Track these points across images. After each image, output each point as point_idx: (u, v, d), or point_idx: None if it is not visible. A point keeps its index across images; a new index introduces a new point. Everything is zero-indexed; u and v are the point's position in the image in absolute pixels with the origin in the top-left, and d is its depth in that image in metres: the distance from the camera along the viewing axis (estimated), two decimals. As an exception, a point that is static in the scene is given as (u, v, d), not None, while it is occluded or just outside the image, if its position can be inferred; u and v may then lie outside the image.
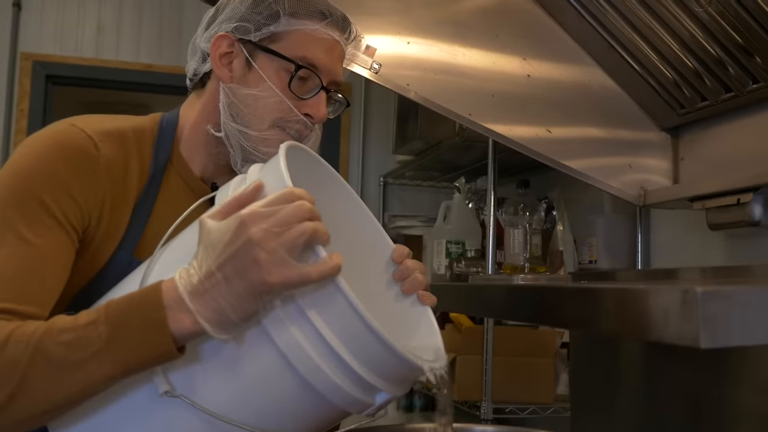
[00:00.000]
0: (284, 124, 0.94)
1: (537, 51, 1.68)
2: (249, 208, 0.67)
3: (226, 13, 0.96)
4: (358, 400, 0.71)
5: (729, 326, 0.61)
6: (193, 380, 0.70)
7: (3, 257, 0.77)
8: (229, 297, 0.65)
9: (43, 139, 0.87)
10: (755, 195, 1.39)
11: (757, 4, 1.25)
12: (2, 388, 0.67)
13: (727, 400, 1.03)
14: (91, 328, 0.67)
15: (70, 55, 2.94)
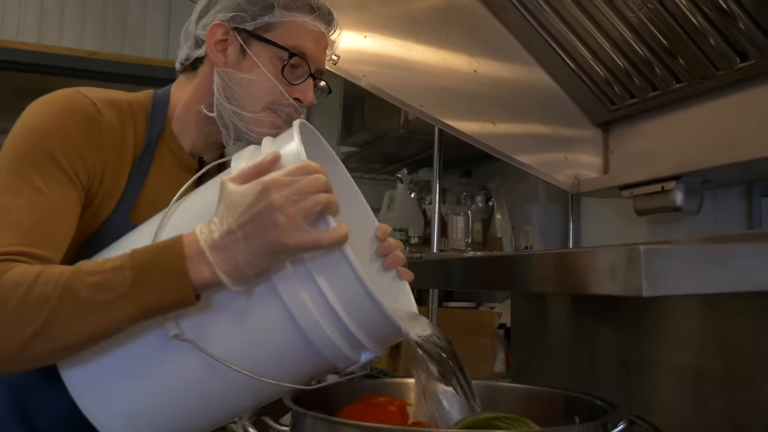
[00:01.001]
0: (276, 107, 1.02)
1: (483, 49, 1.81)
2: (271, 175, 0.75)
3: (223, 4, 1.03)
4: (347, 356, 0.80)
5: (667, 278, 0.74)
6: (202, 327, 0.78)
7: (20, 206, 0.84)
8: (246, 253, 0.73)
9: (53, 104, 0.93)
10: (677, 183, 1.54)
11: (681, 10, 1.41)
12: (30, 323, 0.74)
13: (650, 356, 1.18)
14: (116, 272, 0.74)
15: (11, 39, 2.91)
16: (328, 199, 0.74)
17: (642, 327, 1.21)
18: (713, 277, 0.79)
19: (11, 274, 0.76)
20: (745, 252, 0.82)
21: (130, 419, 0.83)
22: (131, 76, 3.06)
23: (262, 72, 1.00)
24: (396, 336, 0.83)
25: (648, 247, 0.73)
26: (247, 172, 0.78)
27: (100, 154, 0.94)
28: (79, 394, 0.82)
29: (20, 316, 0.74)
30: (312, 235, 0.73)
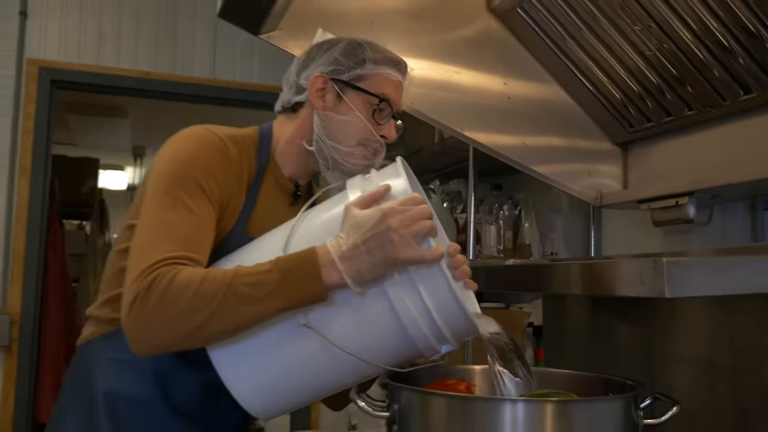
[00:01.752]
0: (366, 143, 1.26)
1: (514, 74, 2.03)
2: (389, 204, 0.99)
3: (323, 59, 1.27)
4: (433, 347, 1.04)
5: (684, 283, 0.97)
6: (325, 319, 1.01)
7: (177, 221, 1.07)
8: (367, 263, 0.97)
9: (193, 139, 1.18)
10: (690, 198, 1.76)
11: (688, 45, 1.62)
12: (202, 311, 0.97)
13: (667, 350, 1.40)
14: (268, 274, 0.98)
15: (73, 61, 3.16)
16: (431, 224, 0.98)
17: (660, 325, 1.44)
18: (720, 282, 1.02)
19: (183, 274, 0.99)
20: (746, 263, 1.05)
21: (263, 389, 1.06)
22: (181, 94, 3.31)
23: (356, 115, 1.24)
24: (472, 333, 1.06)
25: (669, 258, 0.96)
26: (365, 199, 1.02)
27: (228, 180, 1.18)
28: (223, 371, 1.05)
29: (194, 306, 0.97)
30: (419, 252, 0.96)
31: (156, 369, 1.18)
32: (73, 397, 1.21)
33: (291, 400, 1.10)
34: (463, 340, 1.10)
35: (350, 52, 1.27)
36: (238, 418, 1.28)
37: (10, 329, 2.95)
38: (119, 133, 5.24)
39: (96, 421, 1.16)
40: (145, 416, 1.17)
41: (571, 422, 0.97)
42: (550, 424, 0.96)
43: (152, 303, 0.98)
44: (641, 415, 1.01)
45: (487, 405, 0.97)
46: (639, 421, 1.01)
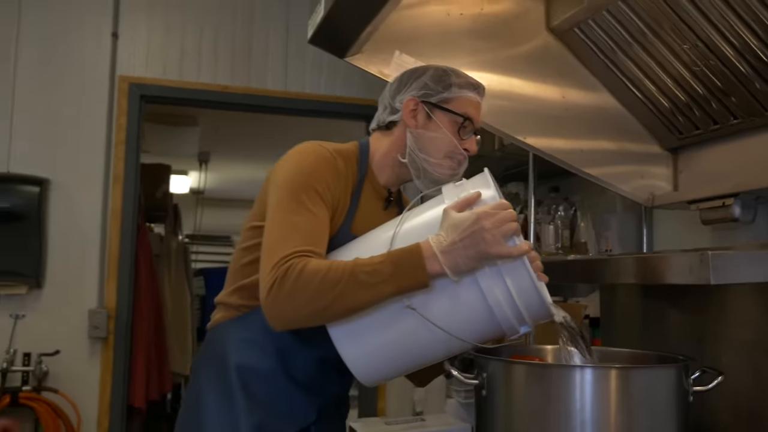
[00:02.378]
0: (452, 155, 1.48)
1: (571, 86, 2.22)
2: (482, 208, 1.21)
3: (415, 85, 1.50)
4: (514, 328, 1.26)
5: (726, 271, 1.17)
6: (425, 302, 1.23)
7: (302, 222, 1.31)
8: (464, 257, 1.19)
9: (309, 154, 1.42)
10: (735, 199, 1.94)
11: (729, 59, 1.80)
12: (328, 293, 1.20)
13: (720, 334, 1.59)
14: (381, 265, 1.21)
15: (159, 77, 3.46)
16: (516, 226, 1.20)
17: (709, 311, 1.63)
18: (761, 270, 1.21)
19: (311, 264, 1.23)
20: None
21: (371, 360, 1.29)
22: (256, 105, 3.58)
23: (443, 132, 1.46)
24: (547, 318, 1.27)
25: (714, 252, 1.16)
26: (460, 204, 1.25)
27: (337, 188, 1.41)
28: (339, 344, 1.28)
29: (321, 290, 1.21)
30: (507, 248, 1.19)
31: (278, 346, 1.42)
32: (209, 371, 1.46)
33: (392, 369, 1.33)
34: (538, 323, 1.31)
35: (438, 79, 1.49)
36: (341, 389, 1.52)
37: (107, 323, 3.26)
38: (188, 141, 5.56)
39: (230, 390, 1.40)
40: (270, 385, 1.41)
41: (631, 387, 1.18)
42: (614, 388, 1.17)
43: (287, 288, 1.22)
44: (691, 383, 1.21)
45: (560, 371, 1.19)
46: (689, 388, 1.21)
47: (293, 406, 1.43)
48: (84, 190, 3.33)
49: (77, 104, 3.35)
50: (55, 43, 3.35)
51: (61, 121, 3.33)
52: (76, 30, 3.38)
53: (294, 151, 1.44)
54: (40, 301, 3.24)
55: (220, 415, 1.40)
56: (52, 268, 3.27)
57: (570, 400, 1.15)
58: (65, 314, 3.24)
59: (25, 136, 3.28)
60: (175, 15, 3.52)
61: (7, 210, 3.14)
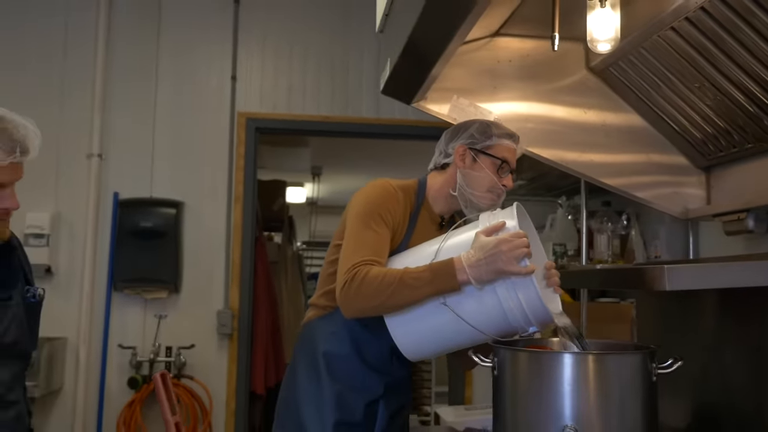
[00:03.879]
0: (493, 190, 1.87)
1: (610, 114, 2.56)
2: (503, 235, 1.59)
3: (464, 135, 1.90)
4: (524, 328, 1.65)
5: (679, 280, 1.53)
6: (457, 301, 1.64)
7: (369, 238, 1.76)
8: (485, 271, 1.59)
9: (377, 188, 1.86)
10: (749, 213, 2.24)
11: (739, 101, 2.11)
12: (385, 292, 1.64)
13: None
14: (424, 273, 1.64)
15: (270, 111, 4.04)
16: (527, 251, 1.57)
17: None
18: (709, 279, 1.55)
19: (374, 270, 1.68)
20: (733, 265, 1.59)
21: (414, 342, 1.74)
22: (353, 132, 4.10)
23: (486, 171, 1.87)
24: (551, 323, 1.67)
25: (669, 267, 1.53)
26: (488, 229, 1.64)
27: (397, 214, 1.85)
28: (393, 330, 1.73)
29: (380, 290, 1.65)
30: (517, 267, 1.57)
31: (353, 337, 1.88)
32: (303, 356, 1.94)
33: (429, 350, 1.78)
34: (546, 326, 1.71)
35: (482, 131, 1.90)
36: (405, 372, 1.97)
37: (232, 321, 3.87)
38: (301, 158, 6.18)
39: (318, 370, 1.88)
40: (347, 366, 1.88)
41: (604, 368, 1.56)
42: (591, 369, 1.56)
43: (354, 287, 1.67)
44: (654, 366, 1.58)
45: (550, 356, 1.59)
46: (653, 371, 1.58)
47: (365, 382, 1.89)
48: (211, 210, 3.96)
49: (204, 137, 3.99)
50: (185, 88, 4.01)
51: (192, 152, 3.98)
52: (203, 74, 4.02)
53: (367, 186, 1.90)
54: (178, 303, 3.90)
55: (311, 387, 1.88)
56: (187, 275, 3.92)
57: (558, 379, 1.55)
58: (198, 314, 3.89)
59: (164, 166, 3.95)
60: (282, 57, 4.09)
61: (151, 229, 3.81)
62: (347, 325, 1.88)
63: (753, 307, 1.70)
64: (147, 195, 3.91)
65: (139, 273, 3.81)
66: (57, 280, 3.82)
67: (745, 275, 1.53)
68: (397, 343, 1.74)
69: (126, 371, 3.79)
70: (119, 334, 3.85)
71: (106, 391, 3.78)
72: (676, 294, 2.17)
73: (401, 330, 1.73)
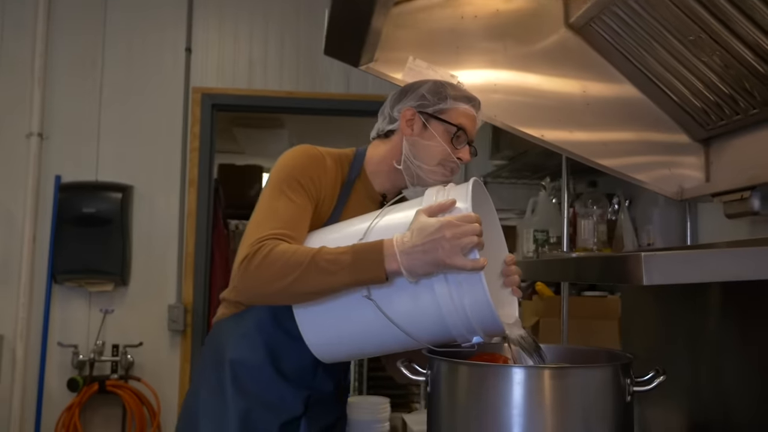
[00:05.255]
0: (445, 163, 1.55)
1: (593, 81, 2.20)
2: (448, 217, 1.24)
3: (412, 95, 1.58)
4: (465, 336, 1.30)
5: (659, 272, 1.17)
6: (384, 296, 1.30)
7: (280, 208, 1.42)
8: (421, 261, 1.24)
9: (297, 151, 1.53)
10: (753, 192, 1.88)
11: (748, 60, 1.75)
12: (291, 274, 1.29)
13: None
14: (343, 255, 1.28)
15: (228, 86, 3.68)
16: (478, 241, 1.22)
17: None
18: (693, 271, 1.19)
19: (281, 246, 1.33)
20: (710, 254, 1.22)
21: (326, 340, 1.40)
22: (320, 109, 3.74)
23: (438, 140, 1.54)
24: (500, 333, 1.31)
25: (647, 253, 1.17)
26: (433, 208, 1.29)
27: (323, 183, 1.51)
28: (302, 324, 1.39)
29: (284, 270, 1.30)
30: (462, 260, 1.22)
31: (267, 342, 1.53)
32: (207, 363, 1.60)
33: (347, 352, 1.43)
34: (495, 337, 1.34)
35: (434, 91, 1.57)
36: (332, 384, 1.61)
37: (185, 317, 3.53)
38: (279, 141, 5.83)
39: (222, 381, 1.53)
40: (259, 377, 1.53)
41: (564, 386, 1.21)
42: (548, 387, 1.21)
43: (255, 264, 1.33)
44: (628, 382, 1.23)
45: (495, 370, 1.24)
46: (628, 387, 1.23)
47: (281, 398, 1.54)
48: (163, 195, 3.61)
49: (156, 116, 3.64)
50: (135, 61, 3.66)
51: (142, 132, 3.63)
52: (155, 47, 3.67)
53: (288, 150, 1.56)
54: (125, 297, 3.56)
55: (212, 401, 1.54)
56: (136, 267, 3.57)
57: (505, 399, 1.20)
58: (148, 309, 3.55)
59: (110, 148, 3.61)
60: (242, 28, 3.73)
61: (95, 215, 3.46)
62: (261, 326, 1.54)
63: (759, 302, 1.35)
64: (92, 178, 3.57)
65: (83, 263, 3.47)
66: (-10, 274, 3.49)
67: (745, 265, 1.17)
68: (305, 340, 1.41)
69: (68, 371, 3.45)
70: (60, 331, 3.51)
71: (45, 393, 3.45)
72: (664, 287, 1.82)
73: (312, 325, 1.40)
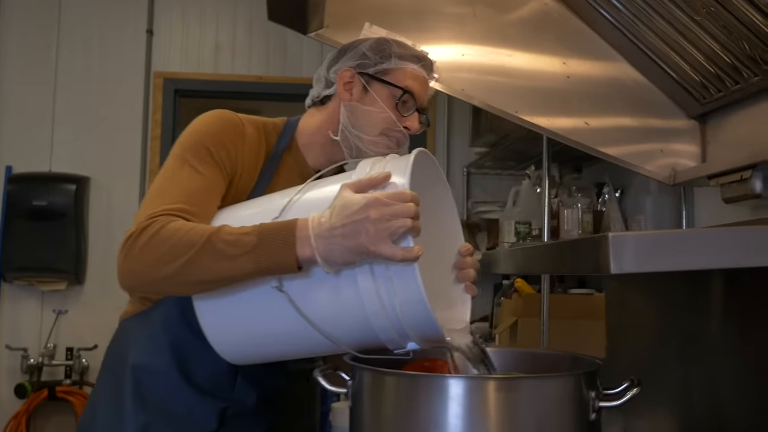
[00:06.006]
0: (389, 133, 1.30)
1: (575, 52, 1.96)
2: (375, 194, 0.99)
3: (350, 54, 1.33)
4: (396, 342, 1.04)
5: (629, 257, 0.92)
6: (299, 288, 1.04)
7: (182, 179, 1.18)
8: (340, 247, 0.99)
9: (212, 116, 1.28)
10: (754, 171, 1.63)
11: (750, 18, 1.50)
12: (181, 257, 1.04)
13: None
14: (246, 236, 1.03)
15: (193, 71, 3.44)
16: (412, 225, 0.97)
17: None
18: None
19: (174, 224, 1.08)
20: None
21: (232, 336, 1.15)
22: (292, 94, 3.49)
23: (380, 105, 1.29)
24: (439, 340, 1.04)
25: (615, 235, 0.92)
26: (362, 183, 1.04)
27: (240, 152, 1.26)
28: (203, 318, 1.14)
29: (173, 252, 1.05)
30: (391, 248, 0.97)
31: (173, 342, 1.28)
32: (107, 367, 1.37)
33: (258, 353, 1.18)
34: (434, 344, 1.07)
35: (377, 48, 1.33)
36: (253, 397, 1.34)
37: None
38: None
39: (121, 389, 1.29)
40: (162, 386, 1.28)
41: (514, 402, 0.96)
42: (493, 401, 0.96)
43: (140, 244, 1.07)
44: (593, 396, 0.98)
45: (427, 381, 0.99)
46: (593, 402, 0.98)
47: (190, 411, 1.29)
48: (122, 187, 3.37)
49: (115, 102, 3.40)
50: (92, 44, 3.41)
51: (100, 119, 3.39)
52: (113, 28, 3.43)
53: (202, 114, 1.31)
54: (80, 297, 3.32)
55: (110, 413, 1.30)
56: (92, 264, 3.33)
57: (439, 416, 0.96)
58: (104, 310, 3.27)
59: (65, 136, 3.36)
60: (208, 9, 3.49)
61: (47, 208, 3.22)
62: (168, 327, 1.29)
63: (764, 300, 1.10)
64: (45, 169, 3.33)
65: (34, 260, 3.23)
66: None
67: (741, 249, 0.91)
68: (208, 337, 1.16)
69: (18, 376, 3.21)
70: (9, 333, 3.27)
71: (-8, 400, 3.21)
72: (656, 280, 1.57)
73: (215, 320, 1.15)
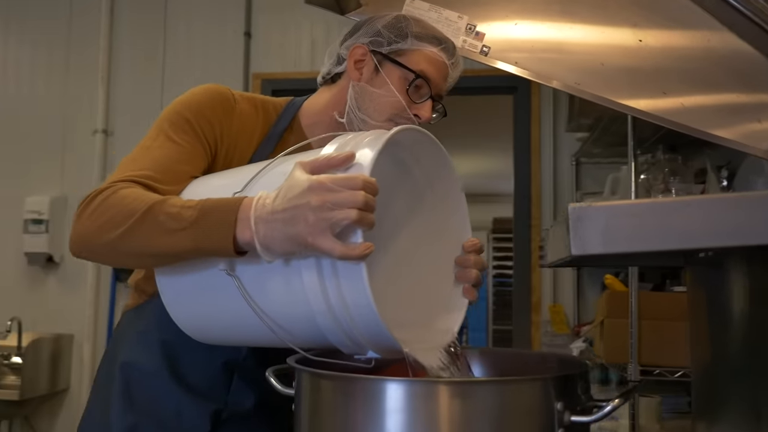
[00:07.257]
0: (397, 119, 1.17)
1: (649, 17, 1.71)
2: (320, 177, 0.87)
3: (365, 30, 1.23)
4: (349, 346, 0.91)
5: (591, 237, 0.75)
6: (248, 273, 0.94)
7: (154, 147, 1.11)
8: (280, 234, 0.87)
9: (199, 88, 1.21)
10: None
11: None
12: (121, 225, 0.97)
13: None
14: (187, 210, 0.94)
15: (290, 70, 3.44)
16: (359, 216, 0.83)
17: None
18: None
19: (125, 190, 1.01)
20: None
21: (195, 317, 1.08)
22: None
23: (390, 89, 1.18)
24: (398, 354, 0.89)
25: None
26: (318, 161, 0.91)
27: (228, 128, 1.18)
28: (163, 292, 1.07)
29: (116, 219, 0.98)
30: (330, 242, 0.84)
31: (164, 339, 1.21)
32: (101, 368, 1.31)
33: (220, 336, 1.10)
34: (393, 354, 0.91)
35: (393, 26, 1.21)
36: (251, 399, 1.25)
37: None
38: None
39: (110, 389, 1.23)
40: (151, 385, 1.21)
41: (467, 412, 0.81)
42: (446, 411, 0.81)
43: (90, 209, 1.02)
44: (560, 409, 0.80)
45: (371, 385, 0.84)
46: (562, 417, 0.80)
47: (178, 413, 1.21)
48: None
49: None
50: (195, 49, 3.51)
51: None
52: (214, 33, 3.51)
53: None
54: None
55: (97, 413, 1.25)
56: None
57: (376, 427, 0.82)
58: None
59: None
60: (302, 9, 3.47)
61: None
62: (160, 324, 1.20)
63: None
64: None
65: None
66: (61, 271, 3.46)
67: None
68: (170, 313, 1.09)
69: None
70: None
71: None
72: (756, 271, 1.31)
73: (174, 295, 1.08)
